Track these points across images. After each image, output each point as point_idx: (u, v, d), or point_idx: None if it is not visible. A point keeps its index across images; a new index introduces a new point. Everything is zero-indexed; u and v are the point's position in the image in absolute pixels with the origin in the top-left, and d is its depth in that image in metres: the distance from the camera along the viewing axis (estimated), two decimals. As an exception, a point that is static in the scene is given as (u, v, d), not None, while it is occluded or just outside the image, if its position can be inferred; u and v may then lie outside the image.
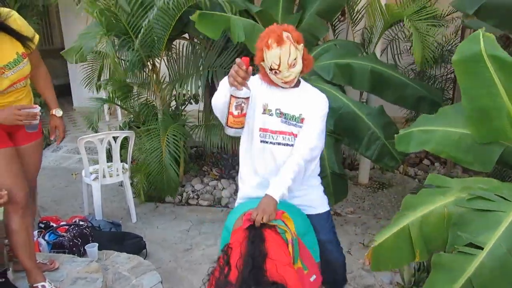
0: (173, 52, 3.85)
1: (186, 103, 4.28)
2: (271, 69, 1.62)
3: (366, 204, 3.73)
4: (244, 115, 1.49)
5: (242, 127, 1.55)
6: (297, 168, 1.65)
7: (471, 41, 1.69)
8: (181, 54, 3.78)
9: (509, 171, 2.45)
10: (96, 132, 3.72)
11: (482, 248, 1.39)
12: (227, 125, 1.52)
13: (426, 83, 4.16)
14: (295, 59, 1.60)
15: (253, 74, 1.56)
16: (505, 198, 1.52)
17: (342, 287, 2.11)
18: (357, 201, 3.79)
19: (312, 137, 1.70)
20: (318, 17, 3.44)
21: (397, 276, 2.58)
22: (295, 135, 1.73)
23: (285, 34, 1.58)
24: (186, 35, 4.03)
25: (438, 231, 1.59)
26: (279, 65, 1.59)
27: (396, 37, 4.22)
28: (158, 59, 3.64)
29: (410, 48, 4.19)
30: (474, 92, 1.73)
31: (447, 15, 3.96)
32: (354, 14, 3.75)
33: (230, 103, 1.46)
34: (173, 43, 3.90)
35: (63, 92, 7.58)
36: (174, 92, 3.98)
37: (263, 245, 1.44)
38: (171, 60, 3.81)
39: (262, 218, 1.50)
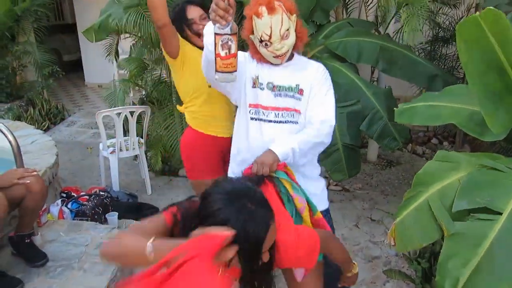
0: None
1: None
2: (261, 41, 1.48)
3: (374, 181, 3.82)
4: (234, 55, 1.30)
5: (234, 71, 1.33)
6: (305, 136, 1.51)
7: (471, 23, 1.63)
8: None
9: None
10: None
11: (500, 214, 1.42)
12: (216, 71, 1.34)
13: (439, 66, 4.17)
14: (287, 29, 1.46)
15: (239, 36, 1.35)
16: (514, 169, 1.55)
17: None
18: (365, 177, 3.88)
19: (320, 109, 1.54)
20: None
21: (403, 248, 2.69)
22: (293, 110, 1.58)
23: (276, 3, 1.44)
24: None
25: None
26: (270, 36, 1.45)
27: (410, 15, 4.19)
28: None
29: (422, 27, 4.18)
30: (484, 79, 1.69)
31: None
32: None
33: (215, 43, 1.28)
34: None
35: (75, 68, 7.68)
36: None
37: None
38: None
39: (262, 169, 1.37)
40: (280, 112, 1.58)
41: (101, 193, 2.98)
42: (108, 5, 3.37)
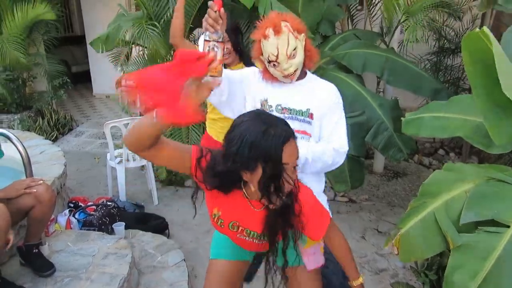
0: (192, 41, 3.95)
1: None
2: (269, 61, 1.52)
3: (381, 192, 3.80)
4: (219, 62, 1.36)
5: (219, 76, 1.35)
6: (321, 154, 1.53)
7: (476, 36, 1.58)
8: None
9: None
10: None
11: (508, 226, 1.41)
12: None
13: (444, 77, 4.18)
14: (294, 49, 1.49)
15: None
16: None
17: None
18: (372, 189, 3.86)
19: (334, 137, 1.58)
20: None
21: (410, 260, 2.67)
22: (303, 133, 1.59)
23: (283, 24, 1.47)
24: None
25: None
26: (277, 56, 1.48)
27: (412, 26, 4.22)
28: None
29: (428, 37, 4.20)
30: (488, 90, 1.66)
31: (463, 5, 3.95)
32: (372, 6, 3.78)
33: (203, 49, 1.36)
34: (193, 32, 4.00)
35: (83, 79, 7.77)
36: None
37: None
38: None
39: None
40: None
41: (108, 203, 3.00)
42: (117, 18, 3.44)
